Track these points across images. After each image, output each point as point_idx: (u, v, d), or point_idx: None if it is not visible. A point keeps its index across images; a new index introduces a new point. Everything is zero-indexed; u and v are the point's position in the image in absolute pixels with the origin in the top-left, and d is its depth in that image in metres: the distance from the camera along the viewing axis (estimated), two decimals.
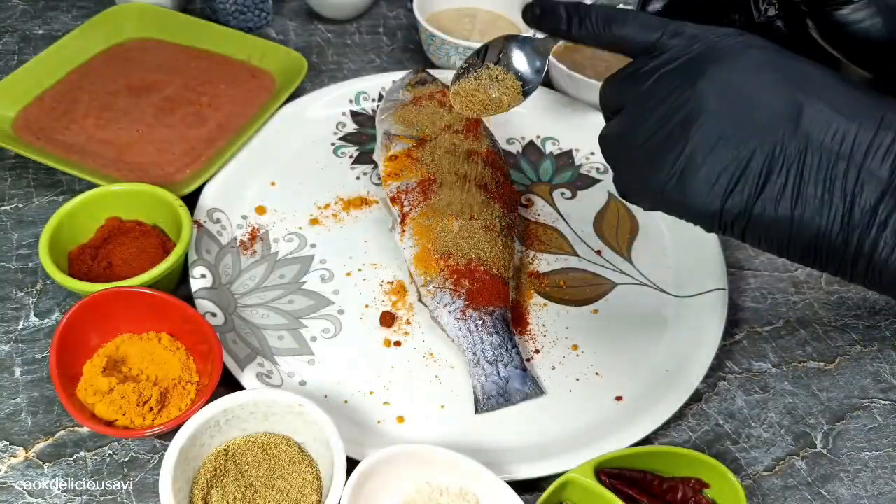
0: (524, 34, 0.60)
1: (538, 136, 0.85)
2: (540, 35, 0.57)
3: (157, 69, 0.85)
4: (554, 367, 0.66)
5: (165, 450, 0.52)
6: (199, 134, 0.78)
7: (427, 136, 0.74)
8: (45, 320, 0.66)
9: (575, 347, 0.67)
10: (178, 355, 0.60)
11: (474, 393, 0.63)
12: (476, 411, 0.62)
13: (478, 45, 0.86)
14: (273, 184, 0.77)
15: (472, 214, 0.68)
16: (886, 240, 0.41)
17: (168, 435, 0.55)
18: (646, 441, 0.61)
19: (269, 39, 0.90)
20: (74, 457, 0.58)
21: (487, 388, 0.63)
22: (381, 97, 0.85)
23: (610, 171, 0.84)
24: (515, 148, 0.84)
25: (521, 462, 0.58)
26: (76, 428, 0.59)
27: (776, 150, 0.42)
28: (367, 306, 0.69)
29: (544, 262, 0.73)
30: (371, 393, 0.63)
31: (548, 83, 0.89)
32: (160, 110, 0.80)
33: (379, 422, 0.61)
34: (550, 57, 0.83)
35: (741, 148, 0.43)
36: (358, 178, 0.79)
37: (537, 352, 0.67)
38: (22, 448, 0.58)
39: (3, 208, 0.73)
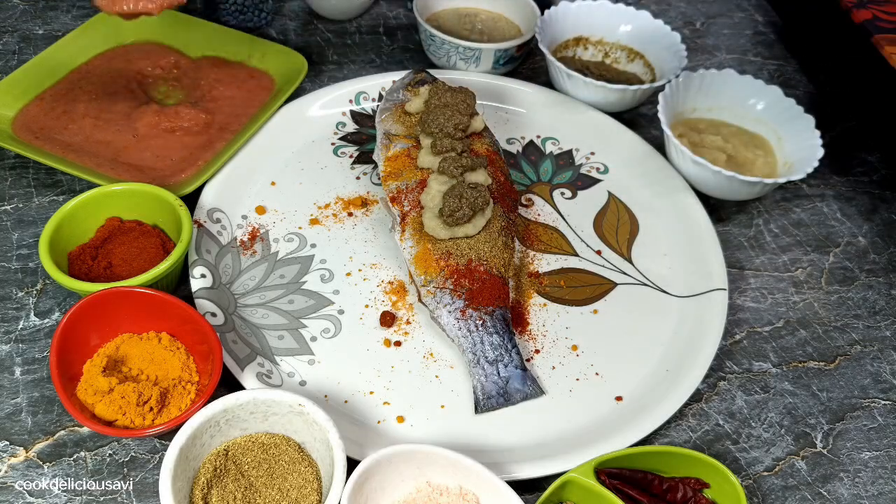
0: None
1: (538, 136, 0.85)
2: None
3: (157, 70, 0.85)
4: (554, 367, 0.66)
5: (165, 450, 0.52)
6: (198, 135, 0.78)
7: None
8: (45, 320, 0.66)
9: (575, 347, 0.67)
10: (178, 355, 0.60)
11: (474, 393, 0.63)
12: (476, 411, 0.62)
13: (477, 45, 0.86)
14: (273, 184, 0.77)
15: None
16: None
17: (168, 435, 0.55)
18: (646, 441, 0.61)
19: (269, 39, 0.90)
20: (74, 457, 0.58)
21: (487, 387, 0.63)
22: (381, 97, 0.85)
23: (610, 170, 0.84)
24: (515, 148, 0.84)
25: (521, 462, 0.58)
26: (76, 428, 0.59)
27: None
28: (367, 306, 0.69)
29: (544, 262, 0.73)
30: (371, 393, 0.63)
31: (548, 83, 0.89)
32: (159, 112, 0.80)
33: (379, 422, 0.61)
34: (550, 57, 0.83)
35: None
36: (358, 178, 0.79)
37: (537, 352, 0.67)
38: (22, 448, 0.58)
39: (3, 208, 0.73)
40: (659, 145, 0.82)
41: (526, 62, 0.95)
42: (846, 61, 0.94)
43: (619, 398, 0.64)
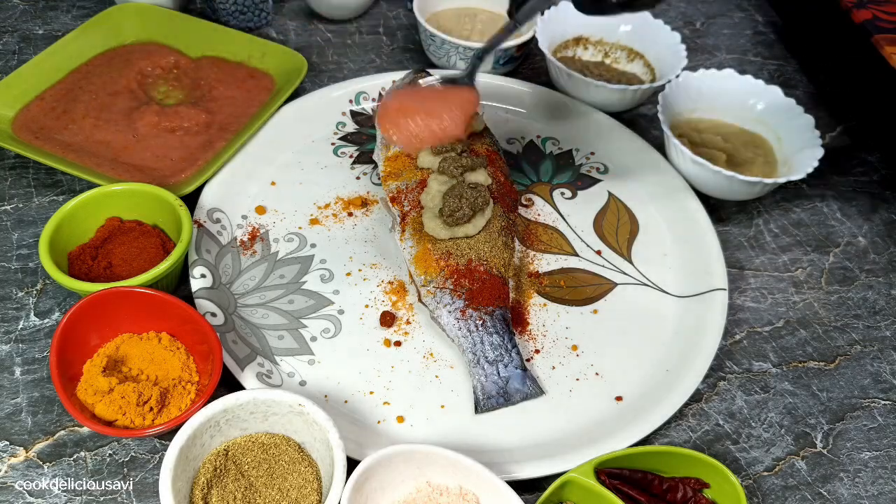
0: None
1: (538, 136, 0.85)
2: None
3: (157, 70, 0.85)
4: (554, 367, 0.66)
5: (165, 450, 0.52)
6: (197, 135, 0.78)
7: None
8: (45, 320, 0.66)
9: (575, 347, 0.67)
10: (178, 355, 0.60)
11: (474, 393, 0.63)
12: (476, 411, 0.62)
13: (478, 45, 0.86)
14: (273, 184, 0.77)
15: None
16: None
17: (168, 435, 0.55)
18: (646, 441, 0.61)
19: (269, 39, 0.90)
20: (74, 457, 0.58)
21: (487, 387, 0.63)
22: (381, 97, 0.85)
23: (610, 170, 0.84)
24: (515, 148, 0.84)
25: (521, 462, 0.58)
26: (76, 428, 0.59)
27: None
28: (367, 306, 0.69)
29: (544, 262, 0.73)
30: (371, 393, 0.63)
31: (548, 83, 0.89)
32: (159, 112, 0.80)
33: (379, 422, 0.61)
34: (550, 57, 0.84)
35: None
36: (358, 178, 0.79)
37: (537, 352, 0.67)
38: (22, 448, 0.58)
39: (3, 208, 0.73)
40: (659, 145, 0.82)
41: (526, 62, 0.95)
42: (846, 61, 0.94)
43: (619, 398, 0.64)
